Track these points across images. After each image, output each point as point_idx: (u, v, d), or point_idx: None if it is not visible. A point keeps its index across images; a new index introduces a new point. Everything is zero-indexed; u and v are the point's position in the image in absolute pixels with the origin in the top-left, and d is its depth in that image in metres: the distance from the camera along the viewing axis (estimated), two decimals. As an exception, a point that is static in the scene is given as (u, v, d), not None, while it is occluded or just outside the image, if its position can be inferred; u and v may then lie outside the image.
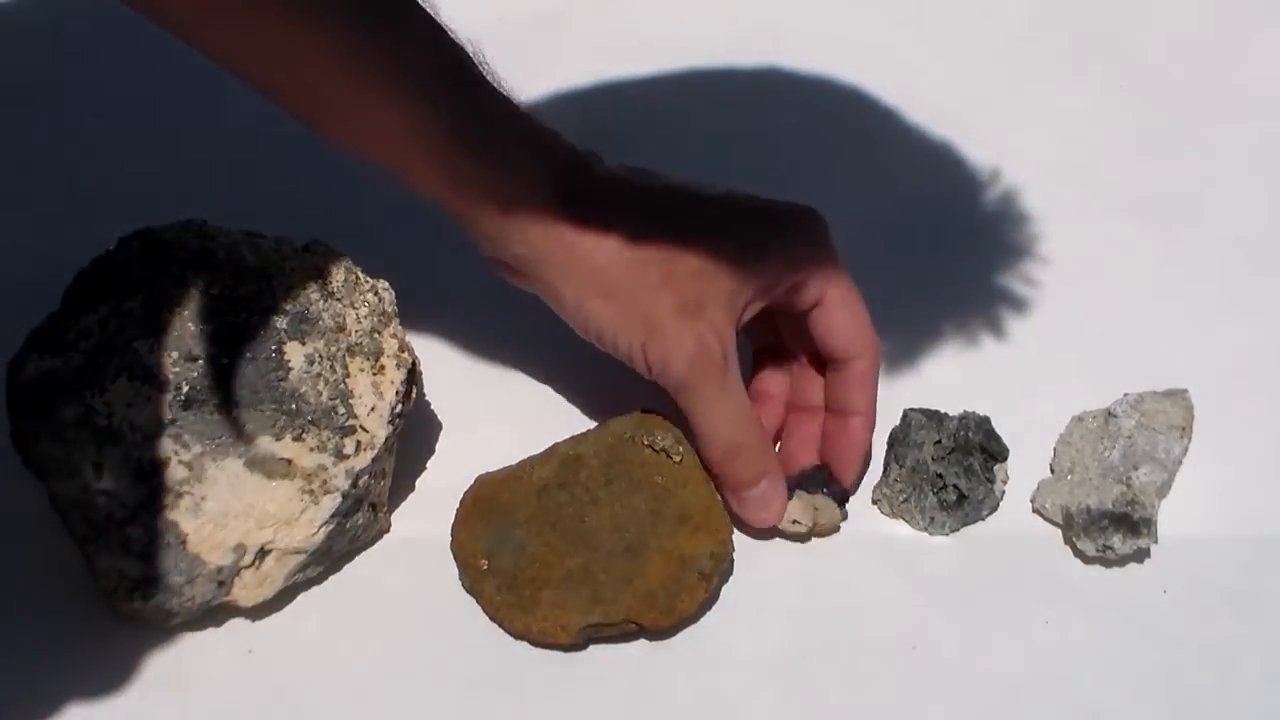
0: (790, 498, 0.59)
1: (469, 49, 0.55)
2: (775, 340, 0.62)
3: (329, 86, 0.53)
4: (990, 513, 0.60)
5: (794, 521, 0.59)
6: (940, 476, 0.59)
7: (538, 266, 0.56)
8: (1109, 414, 0.61)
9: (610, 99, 0.76)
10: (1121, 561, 0.59)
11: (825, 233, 0.59)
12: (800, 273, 0.58)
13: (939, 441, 0.60)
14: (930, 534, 0.60)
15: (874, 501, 0.61)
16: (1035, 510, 0.61)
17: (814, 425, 0.61)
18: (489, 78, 0.56)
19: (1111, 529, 0.58)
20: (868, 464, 0.61)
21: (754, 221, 0.58)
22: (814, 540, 0.60)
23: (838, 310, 0.59)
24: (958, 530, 0.60)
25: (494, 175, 0.55)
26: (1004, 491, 0.60)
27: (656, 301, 0.55)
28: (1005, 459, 0.60)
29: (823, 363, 0.61)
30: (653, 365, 0.56)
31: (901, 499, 0.60)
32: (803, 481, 0.59)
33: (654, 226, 0.56)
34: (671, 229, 0.56)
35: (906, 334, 0.65)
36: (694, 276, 0.56)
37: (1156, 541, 0.58)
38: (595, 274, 0.56)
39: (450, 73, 0.55)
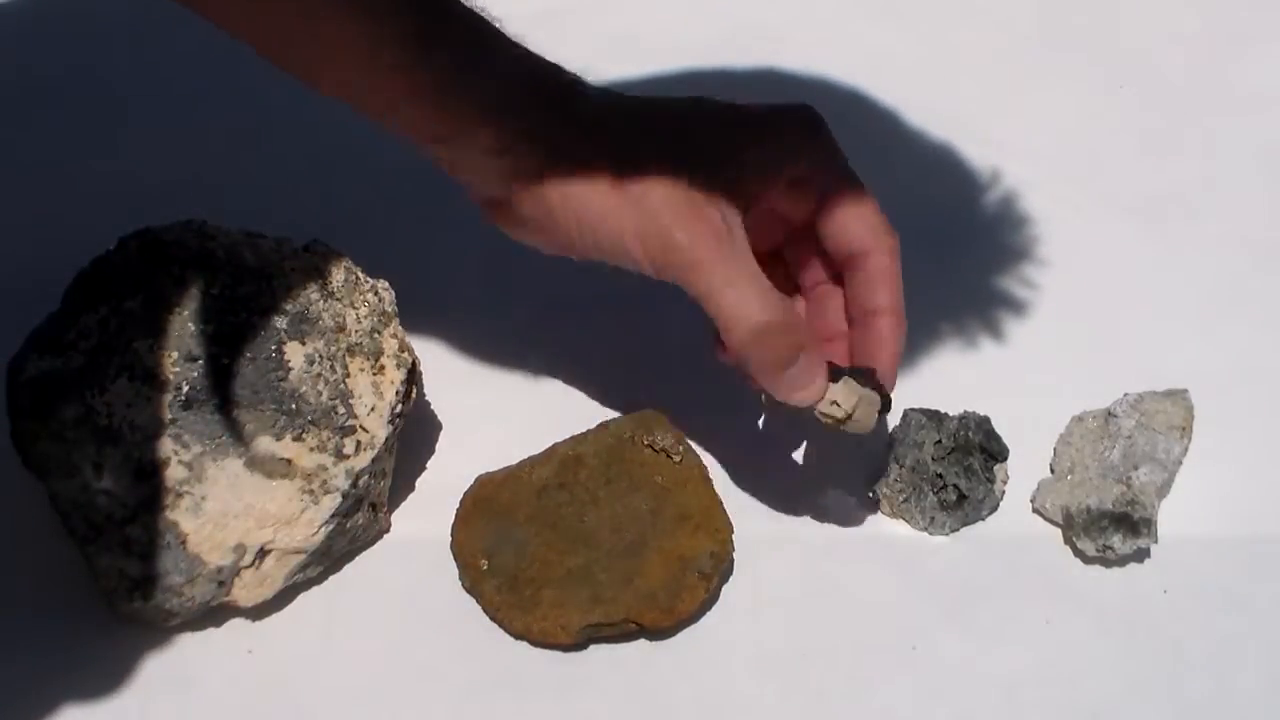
0: (837, 382, 0.55)
1: None
2: (787, 274, 0.59)
3: (300, 19, 0.52)
4: (990, 513, 0.60)
5: (834, 403, 0.54)
6: (940, 476, 0.59)
7: (535, 193, 0.54)
8: (1109, 414, 0.61)
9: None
10: (1121, 561, 0.59)
11: (824, 128, 0.56)
12: (800, 165, 0.55)
13: (939, 441, 0.60)
14: (930, 534, 0.60)
15: (874, 497, 0.61)
16: (1035, 510, 0.61)
17: (842, 348, 0.58)
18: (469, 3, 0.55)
19: (1111, 529, 0.58)
20: (899, 366, 0.57)
21: (748, 119, 0.56)
22: (814, 540, 0.59)
23: (846, 205, 0.55)
24: (958, 530, 0.60)
25: (486, 102, 0.53)
26: (1004, 491, 0.60)
27: (660, 199, 0.53)
28: (1005, 459, 0.60)
29: (840, 280, 0.57)
30: (664, 253, 0.53)
31: (901, 499, 0.60)
32: (854, 372, 0.56)
33: (648, 131, 0.54)
34: (665, 130, 0.55)
35: (907, 334, 0.65)
36: (695, 169, 0.54)
37: (1156, 541, 0.58)
38: (594, 187, 0.54)
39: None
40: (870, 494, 0.61)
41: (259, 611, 0.57)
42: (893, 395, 0.56)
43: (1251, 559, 0.59)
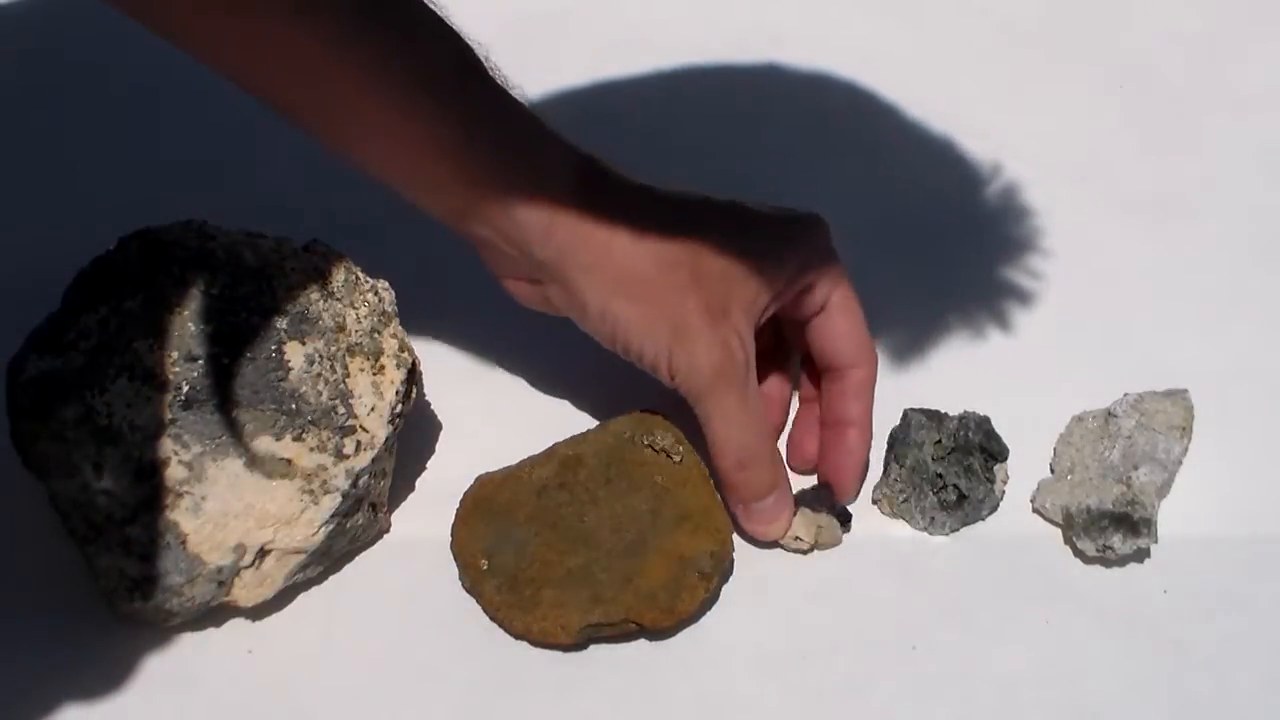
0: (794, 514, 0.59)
1: (477, 49, 0.55)
2: (773, 344, 0.62)
3: (330, 89, 0.52)
4: (990, 513, 0.60)
5: (796, 538, 0.59)
6: (940, 476, 0.59)
7: (562, 269, 0.55)
8: (1109, 414, 0.61)
9: (610, 99, 0.76)
10: (1121, 561, 0.59)
11: (829, 239, 0.59)
12: (810, 277, 0.58)
13: (939, 441, 0.60)
14: (930, 534, 0.60)
15: (874, 501, 0.61)
16: (1035, 510, 0.60)
17: (815, 413, 0.61)
18: (497, 78, 0.55)
19: (1111, 529, 0.58)
20: (864, 476, 0.61)
21: (769, 227, 0.58)
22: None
23: (839, 316, 0.59)
24: (958, 530, 0.60)
25: (514, 171, 0.54)
26: (1004, 491, 0.60)
27: (683, 303, 0.55)
28: (1005, 459, 0.60)
29: (817, 375, 0.61)
30: (678, 371, 0.56)
31: (901, 499, 0.60)
32: (806, 498, 0.59)
33: (679, 228, 0.56)
34: (696, 231, 0.56)
35: (906, 334, 0.65)
36: (720, 279, 0.56)
37: (1156, 541, 0.58)
38: (623, 273, 0.55)
39: (460, 71, 0.54)
40: (870, 494, 0.61)
41: (259, 611, 0.57)
42: (854, 502, 0.60)
43: (1251, 559, 0.59)
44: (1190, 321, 0.67)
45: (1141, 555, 0.59)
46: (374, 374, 0.57)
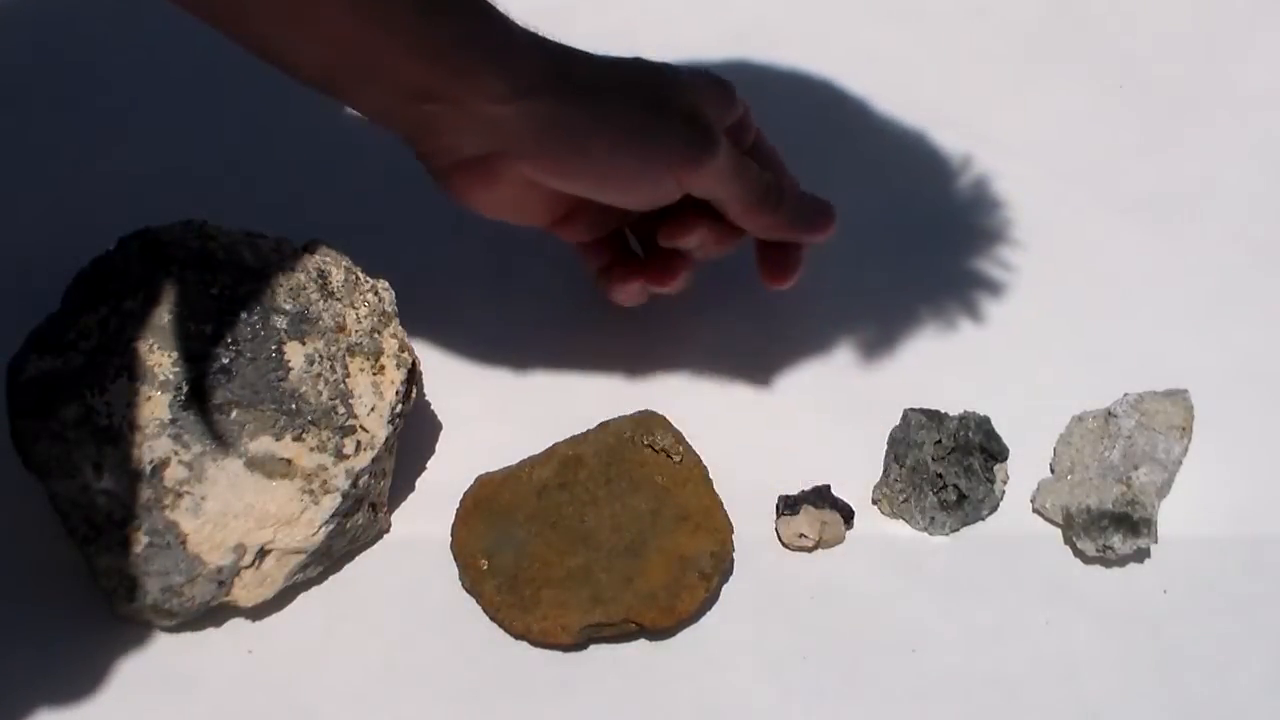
0: (797, 514, 0.59)
1: None
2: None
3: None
4: (990, 513, 0.60)
5: (801, 535, 0.59)
6: (940, 476, 0.59)
7: (520, 150, 0.56)
8: (1109, 414, 0.61)
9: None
10: (1121, 561, 0.59)
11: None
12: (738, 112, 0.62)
13: (939, 441, 0.60)
14: (930, 534, 0.60)
15: (874, 501, 0.60)
16: (1035, 510, 0.60)
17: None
18: None
19: (1111, 529, 0.58)
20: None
21: (705, 77, 0.61)
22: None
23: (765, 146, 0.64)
24: (958, 530, 0.60)
25: (494, 41, 0.55)
26: (1004, 491, 0.60)
27: (664, 117, 0.57)
28: (1005, 459, 0.60)
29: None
30: (685, 165, 0.57)
31: (901, 499, 0.60)
32: (809, 497, 0.59)
33: (639, 78, 0.58)
34: (654, 79, 0.58)
35: (907, 334, 0.65)
36: (685, 115, 0.57)
37: (1156, 541, 0.58)
38: (584, 135, 0.56)
39: None
40: (870, 494, 0.61)
41: (259, 611, 0.57)
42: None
43: (1251, 559, 0.59)
44: (1190, 321, 0.67)
45: (1141, 555, 0.59)
46: (374, 374, 0.57)
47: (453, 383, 0.64)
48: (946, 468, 0.59)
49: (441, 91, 0.54)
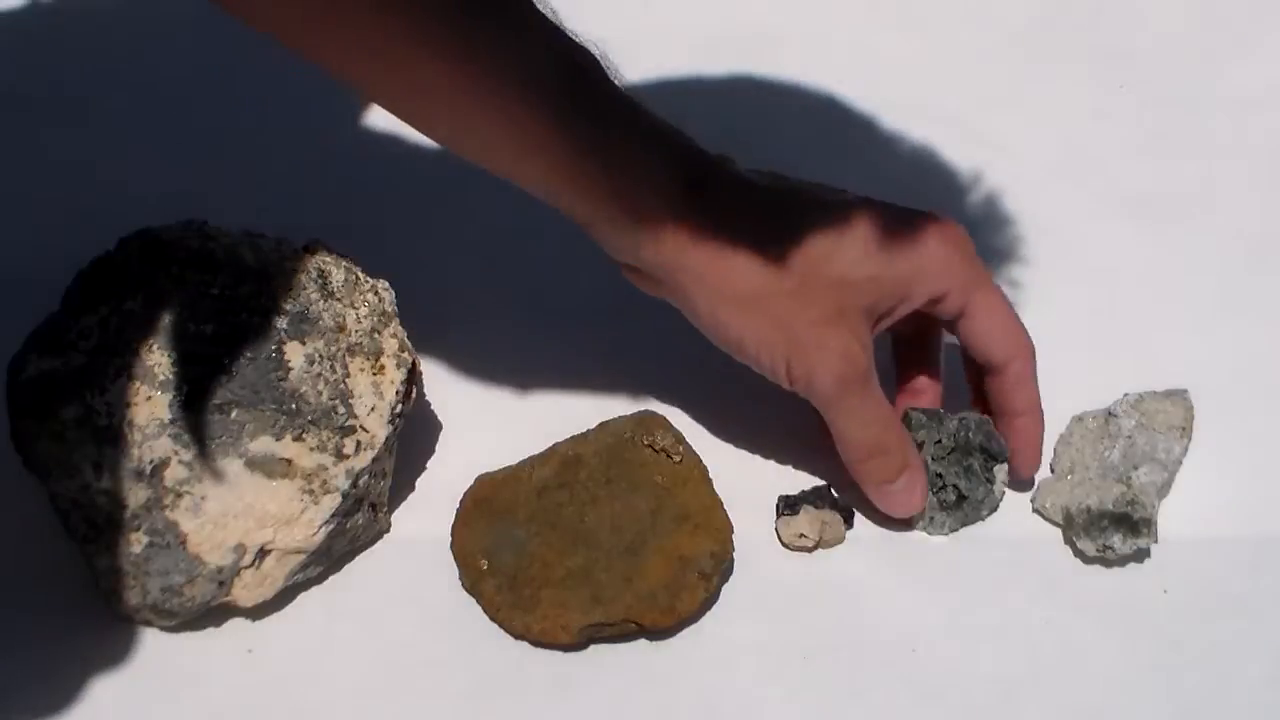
0: (797, 514, 0.59)
1: (593, 50, 0.55)
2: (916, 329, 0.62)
3: (439, 87, 0.52)
4: (990, 513, 0.60)
5: (801, 535, 0.59)
6: (940, 476, 0.59)
7: (670, 274, 0.56)
8: (1109, 414, 0.61)
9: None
10: (1121, 561, 0.59)
11: (964, 240, 0.58)
12: (937, 284, 0.57)
13: (939, 441, 0.60)
14: (930, 534, 0.60)
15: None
16: (1035, 510, 0.61)
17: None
18: (612, 78, 0.55)
19: (1111, 529, 0.58)
20: (1040, 458, 0.61)
21: (890, 228, 0.57)
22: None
23: (983, 317, 0.58)
24: (957, 530, 0.60)
25: (620, 178, 0.54)
26: (1004, 492, 0.60)
27: (796, 313, 0.55)
28: (1005, 459, 0.60)
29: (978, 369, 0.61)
30: (796, 381, 0.56)
31: None
32: (809, 497, 0.59)
33: (789, 231, 0.55)
34: (806, 234, 0.55)
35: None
36: (833, 285, 0.56)
37: (1156, 541, 0.58)
38: (730, 282, 0.55)
39: (569, 72, 0.54)
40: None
41: (259, 611, 0.57)
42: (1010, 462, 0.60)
43: (1251, 559, 0.59)
44: (1190, 321, 0.67)
45: (1141, 555, 0.59)
46: (374, 374, 0.57)
47: (453, 383, 0.64)
48: (946, 468, 0.60)
49: (584, 218, 0.55)
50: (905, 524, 0.60)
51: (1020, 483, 0.61)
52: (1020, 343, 0.59)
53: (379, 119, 0.74)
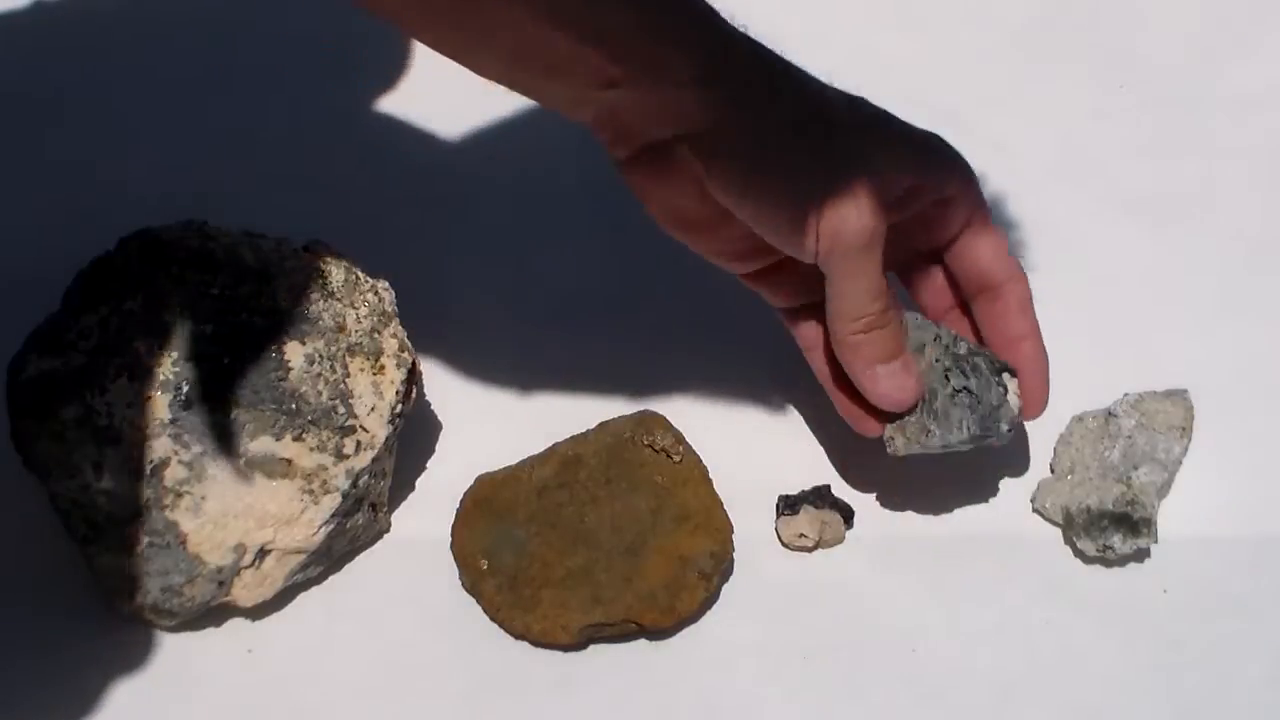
0: (797, 514, 0.59)
1: None
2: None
3: None
4: (1010, 430, 0.57)
5: (801, 535, 0.59)
6: (947, 377, 0.56)
7: (694, 140, 0.54)
8: (1109, 414, 0.61)
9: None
10: (1121, 561, 0.59)
11: (966, 164, 0.58)
12: (948, 185, 0.57)
13: (940, 342, 0.57)
14: (950, 442, 0.56)
15: (887, 440, 0.57)
16: (1035, 510, 0.60)
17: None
18: None
19: (1111, 529, 0.58)
20: (1048, 388, 0.59)
21: (906, 131, 0.57)
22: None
23: (986, 234, 0.58)
24: (977, 435, 0.56)
25: (646, 38, 0.53)
26: (1019, 408, 0.57)
27: (816, 178, 0.54)
28: (1014, 374, 0.57)
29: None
30: (824, 232, 0.53)
31: (912, 419, 0.57)
32: (809, 497, 0.59)
33: (813, 108, 0.55)
34: (828, 114, 0.55)
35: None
36: (851, 160, 0.54)
37: (1156, 541, 0.58)
38: (755, 144, 0.54)
39: None
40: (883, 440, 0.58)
41: (259, 611, 0.57)
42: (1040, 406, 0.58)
43: (1251, 559, 0.59)
44: (1190, 321, 0.67)
45: (1141, 555, 0.59)
46: (374, 374, 0.57)
47: (453, 383, 0.64)
48: (953, 368, 0.56)
49: (625, 78, 0.53)
50: (923, 433, 0.57)
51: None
52: (1018, 268, 0.58)
53: (379, 119, 0.74)
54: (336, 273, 0.58)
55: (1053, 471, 0.61)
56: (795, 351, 0.65)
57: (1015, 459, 0.61)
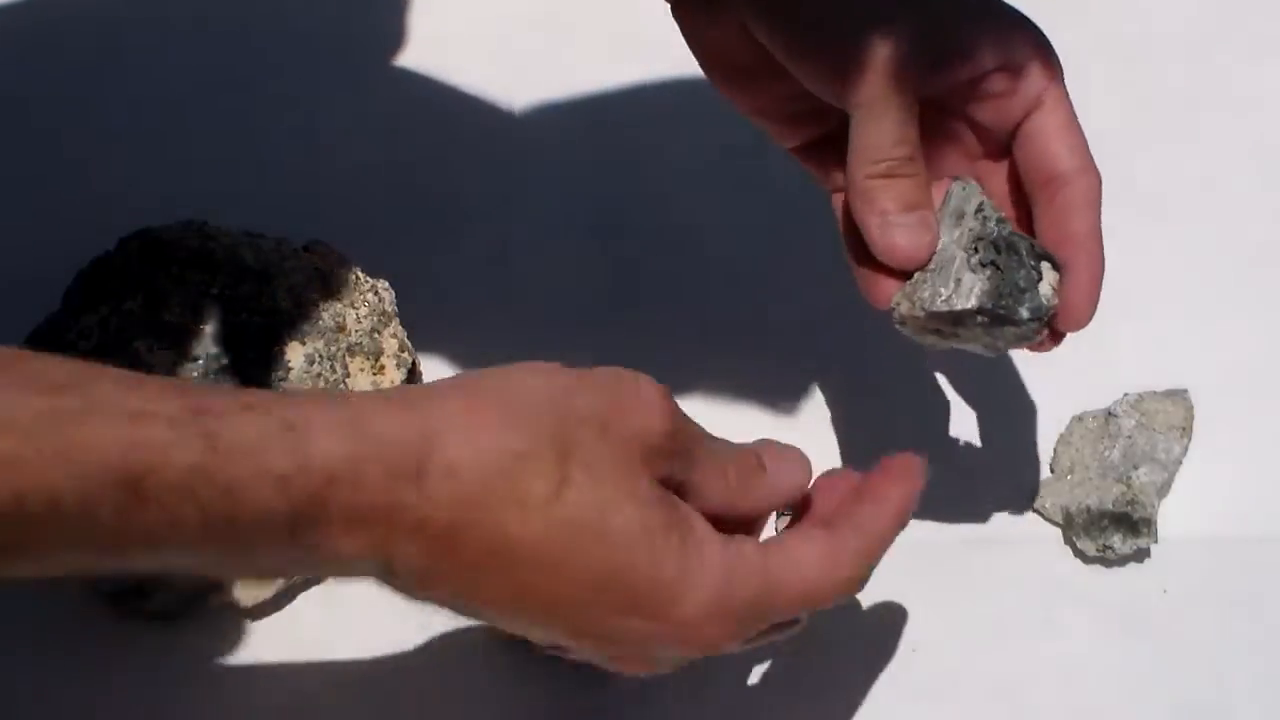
0: None
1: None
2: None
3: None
4: (1030, 317, 0.50)
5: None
6: (976, 247, 0.50)
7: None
8: (1109, 414, 0.61)
9: (612, 100, 0.76)
10: (1121, 561, 0.59)
11: (1040, 33, 0.53)
12: (1018, 53, 0.52)
13: (982, 213, 0.51)
14: (954, 304, 0.50)
15: (893, 308, 0.51)
16: (1035, 510, 0.60)
17: None
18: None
19: (1111, 529, 0.58)
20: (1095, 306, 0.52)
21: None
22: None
23: (1060, 114, 0.52)
24: (988, 309, 0.50)
25: None
26: (1049, 300, 0.50)
27: (854, 13, 0.50)
28: (1059, 270, 0.50)
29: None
30: (864, 56, 0.49)
31: (924, 280, 0.51)
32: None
33: None
34: None
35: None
36: (912, 31, 0.50)
37: (1156, 541, 0.58)
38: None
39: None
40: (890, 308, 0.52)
41: (259, 611, 0.57)
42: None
43: (1251, 559, 0.59)
44: (1190, 321, 0.67)
45: (1141, 555, 0.59)
46: (374, 374, 0.57)
47: (453, 383, 0.64)
48: (985, 237, 0.50)
49: None
50: (930, 296, 0.50)
51: (1067, 322, 0.51)
52: (1091, 161, 0.52)
53: (379, 119, 0.73)
54: (336, 273, 0.58)
55: (1052, 471, 0.61)
56: (795, 352, 0.65)
57: (1015, 459, 0.61)
